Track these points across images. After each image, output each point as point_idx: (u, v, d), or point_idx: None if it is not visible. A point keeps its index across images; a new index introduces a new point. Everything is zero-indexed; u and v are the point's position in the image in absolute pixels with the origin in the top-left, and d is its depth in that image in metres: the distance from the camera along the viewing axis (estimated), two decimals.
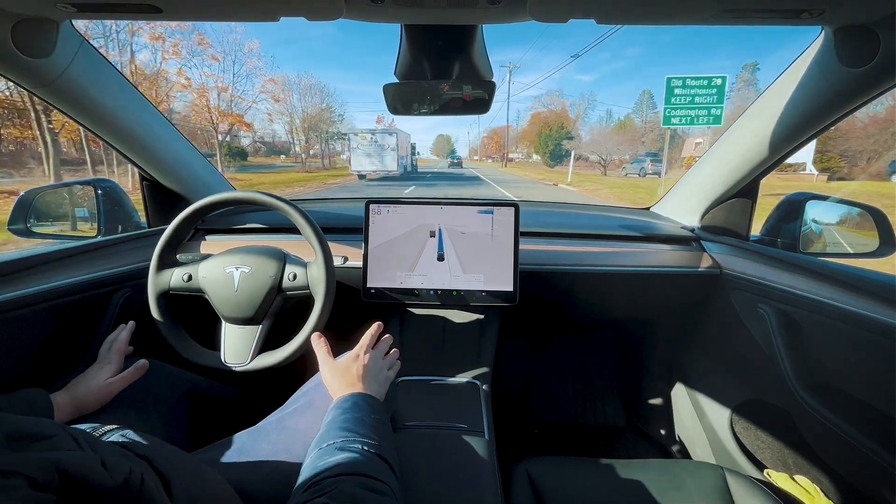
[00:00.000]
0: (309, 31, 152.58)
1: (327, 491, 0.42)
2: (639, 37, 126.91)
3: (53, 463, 0.26)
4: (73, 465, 0.27)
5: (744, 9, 0.57)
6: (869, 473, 0.72)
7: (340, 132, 34.85)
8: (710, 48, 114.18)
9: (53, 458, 0.26)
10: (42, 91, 0.76)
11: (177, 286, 0.82)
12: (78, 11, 0.62)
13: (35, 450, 0.28)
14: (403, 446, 0.71)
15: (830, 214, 1.00)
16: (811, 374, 0.79)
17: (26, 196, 0.98)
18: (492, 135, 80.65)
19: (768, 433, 0.96)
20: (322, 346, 0.71)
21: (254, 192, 0.80)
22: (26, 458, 0.25)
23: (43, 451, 0.28)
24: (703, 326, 1.14)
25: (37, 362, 0.78)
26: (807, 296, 0.78)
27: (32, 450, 0.28)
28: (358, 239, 0.99)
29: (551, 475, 0.74)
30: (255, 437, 0.64)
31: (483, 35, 0.75)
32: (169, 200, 1.13)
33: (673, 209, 1.24)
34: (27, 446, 0.28)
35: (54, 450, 0.28)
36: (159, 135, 1.00)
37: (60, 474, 0.26)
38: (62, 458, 0.27)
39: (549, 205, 1.41)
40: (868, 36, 0.60)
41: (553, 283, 1.08)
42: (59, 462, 0.26)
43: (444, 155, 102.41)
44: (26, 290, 0.75)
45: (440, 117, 1.09)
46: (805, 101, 0.75)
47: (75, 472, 0.27)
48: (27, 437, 0.29)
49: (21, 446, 0.28)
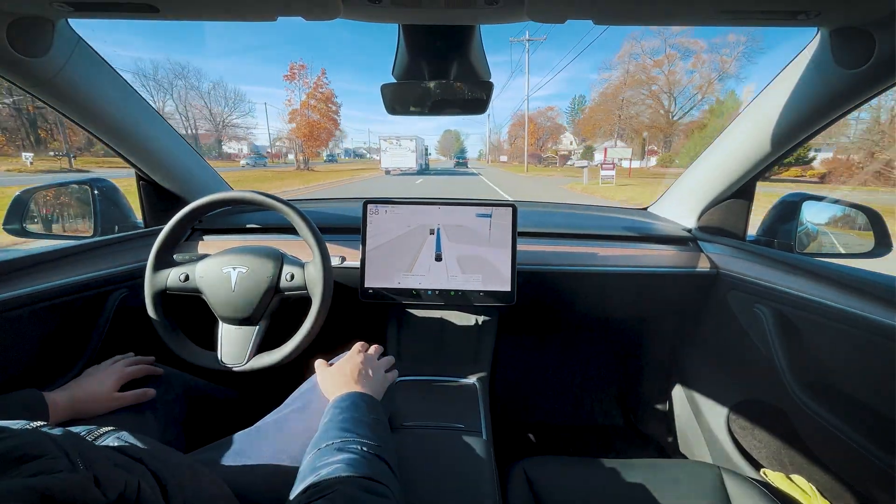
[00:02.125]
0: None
1: (326, 493, 0.42)
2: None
3: (39, 491, 0.25)
4: (60, 490, 0.27)
5: (741, 10, 0.57)
6: (865, 473, 0.72)
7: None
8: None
9: (40, 486, 0.26)
10: (38, 90, 0.75)
11: (173, 286, 0.81)
12: (74, 11, 0.61)
13: (23, 473, 0.27)
14: (401, 446, 0.71)
15: (826, 215, 1.00)
16: (808, 373, 0.79)
17: (22, 196, 0.97)
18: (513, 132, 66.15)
19: (765, 433, 0.96)
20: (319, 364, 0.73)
21: (251, 193, 0.80)
22: (11, 486, 0.25)
23: (30, 475, 0.27)
24: (700, 327, 1.15)
25: (33, 362, 0.78)
26: (803, 296, 0.78)
27: (20, 473, 0.27)
28: (355, 239, 0.99)
29: (549, 475, 0.75)
30: (253, 438, 0.64)
31: (481, 35, 0.75)
32: (166, 200, 1.12)
33: (670, 209, 1.25)
34: (16, 469, 0.28)
35: (42, 472, 0.28)
36: (156, 134, 1.00)
37: (45, 501, 0.25)
38: (49, 484, 0.26)
39: (546, 205, 1.41)
40: (864, 37, 0.60)
41: (550, 283, 1.08)
42: (46, 489, 0.26)
43: (450, 155, 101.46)
44: (22, 290, 0.75)
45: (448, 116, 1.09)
46: (801, 102, 0.76)
47: (62, 498, 0.26)
48: (17, 460, 0.28)
49: (10, 469, 0.28)
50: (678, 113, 34.09)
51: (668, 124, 33.89)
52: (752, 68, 36.85)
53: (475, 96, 0.80)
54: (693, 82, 34.21)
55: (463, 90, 0.78)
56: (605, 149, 25.99)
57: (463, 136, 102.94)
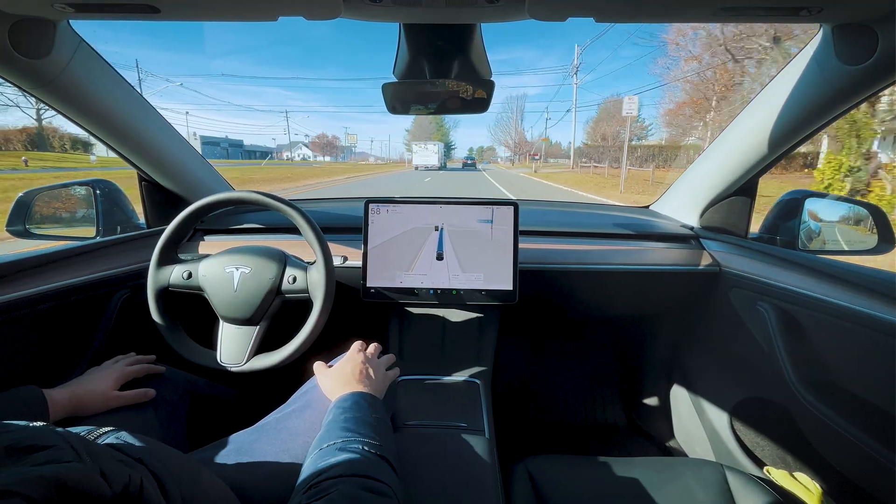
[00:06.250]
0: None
1: (327, 492, 0.42)
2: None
3: (52, 480, 0.26)
4: (71, 478, 0.27)
5: (743, 7, 0.57)
6: (869, 470, 0.72)
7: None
8: None
9: (52, 474, 0.26)
10: (40, 92, 0.75)
11: (176, 283, 0.82)
12: (75, 12, 0.61)
13: (33, 462, 0.28)
14: (404, 446, 0.71)
15: (829, 212, 1.00)
16: (811, 371, 0.79)
17: (24, 197, 0.97)
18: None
19: (768, 430, 0.96)
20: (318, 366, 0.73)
21: (254, 193, 0.80)
22: (25, 474, 0.25)
23: (41, 464, 0.28)
24: (702, 324, 1.14)
25: (36, 363, 0.78)
26: (806, 293, 0.78)
27: (31, 462, 0.28)
28: (357, 239, 0.99)
29: (552, 474, 0.75)
30: (254, 438, 0.64)
31: (482, 34, 0.75)
32: (168, 201, 1.12)
33: (672, 207, 1.24)
34: (25, 459, 0.28)
35: (53, 461, 0.28)
36: (158, 135, 1.00)
37: (59, 489, 0.26)
38: (61, 473, 0.27)
39: (548, 203, 1.41)
40: (866, 33, 0.60)
41: (552, 281, 1.08)
42: (59, 477, 0.26)
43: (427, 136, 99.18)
44: (26, 291, 0.75)
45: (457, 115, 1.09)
46: (803, 98, 0.76)
47: (74, 485, 0.27)
48: (26, 449, 0.29)
49: (20, 459, 0.28)
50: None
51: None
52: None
53: (476, 95, 0.79)
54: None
55: (464, 89, 0.78)
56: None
57: (449, 128, 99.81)
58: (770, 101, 0.82)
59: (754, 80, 14.63)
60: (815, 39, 0.69)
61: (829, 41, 0.66)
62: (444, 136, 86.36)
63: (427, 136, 79.49)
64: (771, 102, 0.82)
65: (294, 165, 46.57)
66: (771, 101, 0.82)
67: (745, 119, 0.90)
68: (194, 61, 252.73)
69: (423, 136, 79.88)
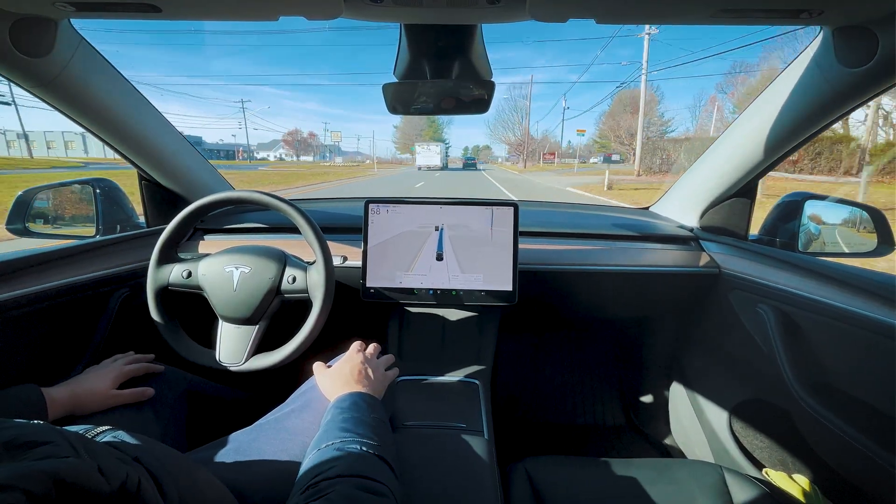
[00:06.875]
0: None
1: (325, 492, 0.42)
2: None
3: (51, 475, 0.26)
4: (70, 474, 0.27)
5: (743, 9, 0.57)
6: (867, 472, 0.72)
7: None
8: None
9: (51, 469, 0.26)
10: (40, 90, 0.75)
11: (176, 282, 0.82)
12: (77, 11, 0.61)
13: (32, 457, 0.28)
14: (402, 446, 0.71)
15: (829, 214, 1.00)
16: (810, 373, 0.79)
17: (24, 196, 0.97)
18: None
19: (767, 432, 0.96)
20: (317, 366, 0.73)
21: (254, 192, 0.80)
22: (24, 469, 0.25)
23: (40, 459, 0.28)
24: (702, 326, 1.14)
25: (35, 362, 0.78)
26: (805, 295, 0.78)
27: (30, 457, 0.28)
28: (357, 239, 0.99)
29: (551, 475, 0.74)
30: (253, 437, 0.64)
31: (483, 35, 0.75)
32: (167, 200, 1.12)
33: (672, 209, 1.24)
34: (24, 454, 0.28)
35: (51, 457, 0.28)
36: (159, 135, 1.00)
37: (57, 484, 0.26)
38: (59, 468, 0.27)
39: (548, 204, 1.41)
40: (867, 36, 0.60)
41: (552, 282, 1.08)
42: (57, 472, 0.26)
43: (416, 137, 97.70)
44: (25, 290, 0.75)
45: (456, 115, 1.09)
46: (804, 101, 0.76)
47: (72, 480, 0.27)
48: (24, 445, 0.29)
49: (18, 455, 0.28)
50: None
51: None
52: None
53: (477, 96, 0.80)
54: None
55: (465, 89, 0.78)
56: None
57: (441, 125, 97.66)
58: (770, 103, 0.82)
59: None
60: (816, 42, 0.69)
61: (830, 43, 0.66)
62: (435, 132, 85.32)
63: (418, 133, 79.18)
64: (771, 104, 0.82)
65: (252, 169, 30.63)
66: (771, 103, 0.82)
67: (746, 121, 0.90)
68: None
69: (414, 133, 79.60)
